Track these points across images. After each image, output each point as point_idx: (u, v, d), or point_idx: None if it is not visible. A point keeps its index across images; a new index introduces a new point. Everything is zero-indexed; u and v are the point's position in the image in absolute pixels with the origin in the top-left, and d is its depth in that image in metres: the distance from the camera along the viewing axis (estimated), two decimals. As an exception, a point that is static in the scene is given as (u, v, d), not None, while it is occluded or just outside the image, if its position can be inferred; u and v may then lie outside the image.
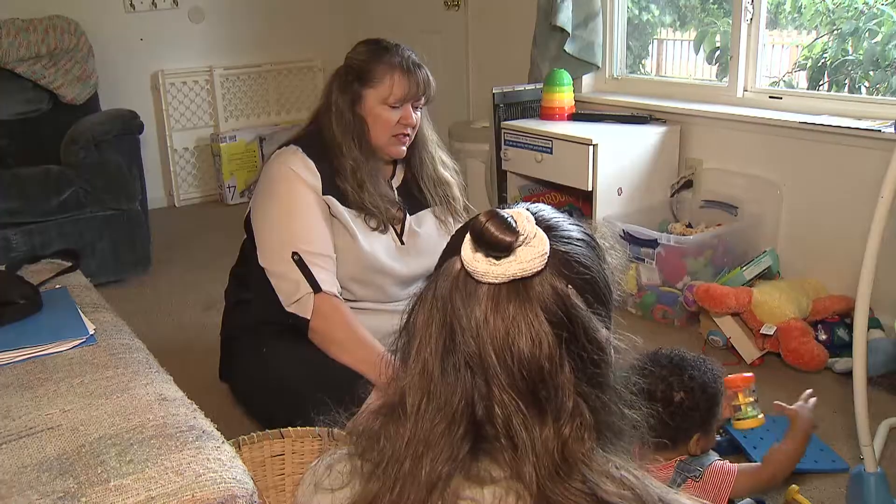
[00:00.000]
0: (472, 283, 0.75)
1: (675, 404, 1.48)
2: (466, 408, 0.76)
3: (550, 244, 0.76)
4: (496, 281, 0.74)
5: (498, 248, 0.74)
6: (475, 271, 0.74)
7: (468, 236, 0.75)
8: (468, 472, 0.76)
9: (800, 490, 1.73)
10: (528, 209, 0.80)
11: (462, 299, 0.76)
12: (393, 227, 1.97)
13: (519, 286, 0.74)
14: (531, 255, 0.74)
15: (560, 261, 0.77)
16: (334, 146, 1.88)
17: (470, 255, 0.75)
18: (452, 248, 0.79)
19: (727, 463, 1.50)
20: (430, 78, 1.89)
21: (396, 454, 0.78)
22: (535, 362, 0.74)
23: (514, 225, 0.74)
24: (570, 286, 0.76)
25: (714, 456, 1.51)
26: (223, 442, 1.23)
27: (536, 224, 0.76)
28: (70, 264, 1.97)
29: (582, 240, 0.80)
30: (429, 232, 2.02)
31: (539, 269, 0.74)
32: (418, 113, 1.92)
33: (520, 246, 0.74)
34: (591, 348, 0.76)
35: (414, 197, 2.02)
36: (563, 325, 0.75)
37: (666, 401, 1.48)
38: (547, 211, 0.82)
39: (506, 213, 0.76)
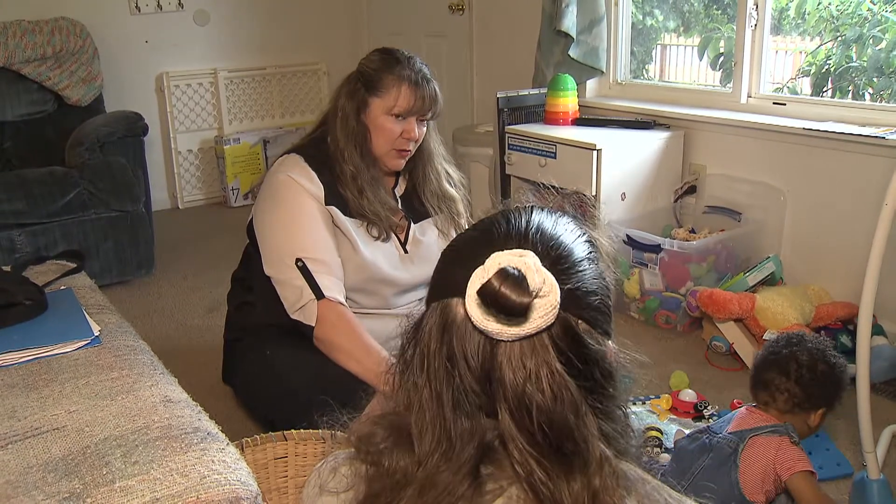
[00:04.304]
0: (480, 335, 0.72)
1: (818, 373, 1.65)
2: (475, 453, 0.74)
3: (560, 286, 0.71)
4: (510, 340, 0.71)
5: (515, 314, 0.69)
6: (486, 331, 0.70)
7: (477, 297, 0.70)
8: (471, 501, 0.74)
9: None
10: (527, 236, 0.75)
11: (471, 352, 0.72)
12: (396, 235, 1.97)
13: (534, 339, 0.71)
14: (545, 309, 0.70)
15: (570, 299, 0.72)
16: (337, 151, 1.88)
17: (479, 315, 0.70)
18: (450, 285, 0.75)
19: (811, 464, 1.61)
20: (438, 94, 1.88)
21: (397, 487, 0.76)
22: (558, 416, 0.70)
23: (527, 284, 0.69)
24: (580, 322, 0.73)
25: None
26: (228, 444, 1.23)
27: (541, 262, 0.71)
28: (75, 265, 1.97)
29: (585, 259, 0.76)
30: (431, 240, 2.02)
31: (553, 320, 0.71)
32: (423, 128, 1.92)
33: (535, 302, 0.70)
34: (605, 382, 0.74)
35: (416, 207, 2.03)
36: (578, 370, 0.72)
37: (810, 367, 1.65)
38: (547, 228, 0.76)
39: (513, 268, 0.70)
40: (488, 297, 0.69)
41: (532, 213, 0.79)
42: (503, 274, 0.69)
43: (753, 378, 1.74)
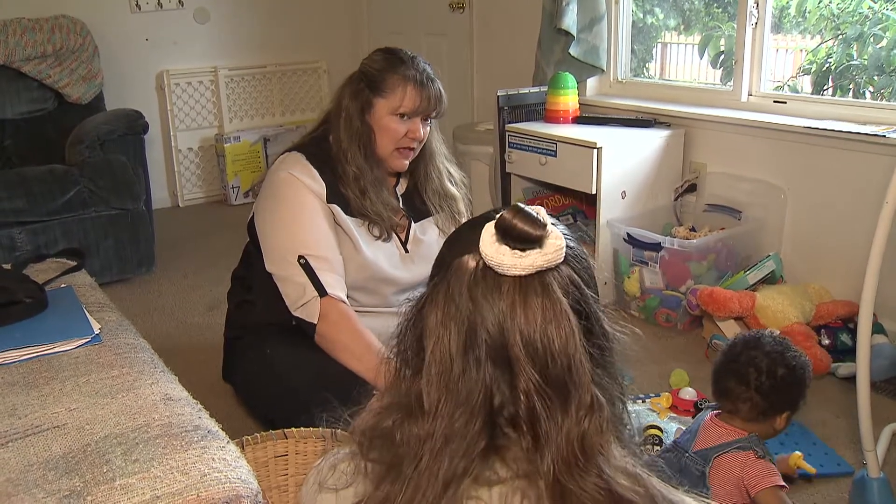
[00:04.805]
0: (493, 277, 0.77)
1: (778, 378, 1.58)
2: (486, 401, 0.77)
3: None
4: (522, 273, 0.76)
5: (529, 241, 0.76)
6: (500, 264, 0.76)
7: (492, 231, 0.77)
8: (477, 476, 0.77)
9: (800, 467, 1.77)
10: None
11: (483, 293, 0.77)
12: (397, 234, 1.97)
13: (544, 278, 0.76)
14: (554, 247, 0.76)
15: (570, 255, 0.79)
16: (339, 152, 1.87)
17: (493, 249, 0.76)
18: (460, 248, 0.80)
19: (780, 476, 1.55)
20: (443, 93, 1.87)
21: (413, 452, 0.78)
22: (564, 352, 0.75)
23: (540, 219, 0.77)
24: (579, 278, 0.79)
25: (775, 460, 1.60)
26: (228, 442, 1.23)
27: None
28: (75, 263, 1.97)
29: (573, 238, 0.83)
30: (432, 239, 2.02)
31: (560, 260, 0.77)
32: (427, 127, 1.92)
33: (545, 238, 0.77)
34: (602, 338, 0.79)
35: (417, 206, 2.02)
36: (581, 314, 0.78)
37: (769, 374, 1.58)
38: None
39: (525, 206, 0.78)
40: (504, 227, 0.76)
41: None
42: (517, 208, 0.77)
43: (714, 385, 1.67)
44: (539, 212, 0.78)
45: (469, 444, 0.76)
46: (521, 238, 0.76)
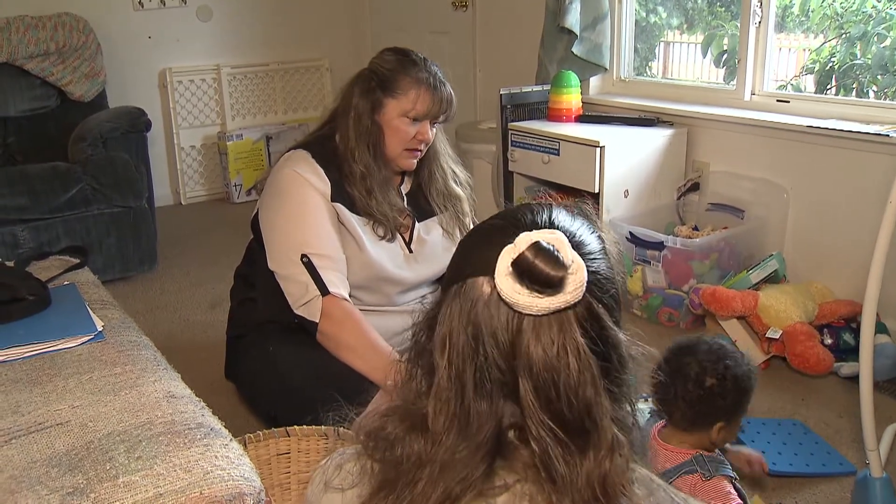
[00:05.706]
0: (507, 311, 0.73)
1: (706, 388, 1.50)
2: (494, 435, 0.74)
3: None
4: (540, 314, 0.71)
5: (549, 286, 0.71)
6: (516, 304, 0.71)
7: (509, 266, 0.72)
8: (482, 489, 0.75)
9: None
10: (553, 223, 0.77)
11: (498, 327, 0.73)
12: (401, 235, 1.97)
13: (561, 316, 0.72)
14: (574, 285, 0.71)
15: (593, 282, 0.74)
16: (347, 151, 1.87)
17: (510, 287, 0.71)
18: (478, 262, 0.76)
19: (736, 496, 1.48)
20: (453, 97, 1.87)
21: (411, 473, 0.76)
22: (582, 392, 0.72)
23: (560, 258, 0.71)
24: (601, 306, 0.75)
25: (729, 469, 1.52)
26: (231, 440, 1.23)
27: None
28: (78, 261, 1.98)
29: (601, 250, 0.79)
30: (436, 239, 2.02)
31: (581, 297, 0.72)
32: (434, 129, 1.91)
33: (567, 278, 0.71)
34: (621, 368, 0.76)
35: (421, 206, 2.02)
36: (600, 350, 0.73)
37: (697, 383, 1.51)
38: (566, 220, 0.79)
39: (546, 243, 0.72)
40: (522, 268, 0.71)
41: (552, 207, 0.81)
42: (538, 247, 0.71)
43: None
44: (562, 248, 0.72)
45: (470, 472, 0.74)
46: (540, 281, 0.70)
